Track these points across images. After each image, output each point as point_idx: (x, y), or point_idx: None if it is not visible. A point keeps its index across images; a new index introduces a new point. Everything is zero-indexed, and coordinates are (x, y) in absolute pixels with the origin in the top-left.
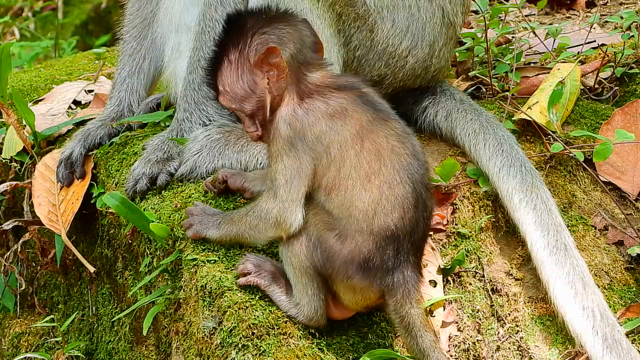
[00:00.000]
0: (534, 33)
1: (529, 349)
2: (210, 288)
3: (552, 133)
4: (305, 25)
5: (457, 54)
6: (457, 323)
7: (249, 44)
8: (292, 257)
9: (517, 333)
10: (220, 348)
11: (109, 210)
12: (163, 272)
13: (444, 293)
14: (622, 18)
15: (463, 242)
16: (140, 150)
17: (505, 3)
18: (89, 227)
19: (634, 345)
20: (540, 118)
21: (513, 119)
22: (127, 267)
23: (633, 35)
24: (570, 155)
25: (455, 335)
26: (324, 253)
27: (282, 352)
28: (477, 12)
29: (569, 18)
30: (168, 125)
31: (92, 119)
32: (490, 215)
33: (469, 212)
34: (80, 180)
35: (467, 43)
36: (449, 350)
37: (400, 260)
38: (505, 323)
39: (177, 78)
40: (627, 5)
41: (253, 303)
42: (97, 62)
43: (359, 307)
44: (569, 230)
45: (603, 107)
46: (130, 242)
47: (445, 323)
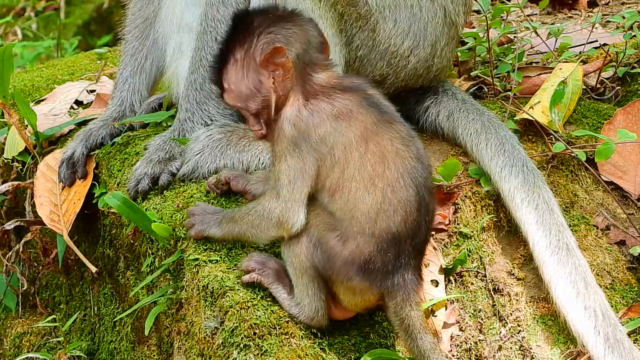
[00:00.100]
0: (536, 33)
1: (531, 349)
2: (212, 288)
3: (554, 133)
4: (312, 26)
5: (459, 54)
6: (459, 323)
7: (256, 43)
8: (293, 257)
9: (519, 333)
10: (222, 348)
11: (111, 210)
12: (165, 272)
13: (446, 293)
14: (624, 18)
15: (465, 241)
16: (142, 150)
17: (507, 3)
18: (91, 227)
19: (636, 345)
20: (542, 118)
21: (515, 119)
22: (128, 267)
23: (635, 35)
24: (572, 155)
25: (457, 335)
26: (325, 254)
27: (283, 352)
28: (479, 11)
29: (571, 18)
30: (170, 125)
31: (94, 119)
32: (492, 215)
33: (471, 211)
34: (82, 180)
35: (469, 43)
36: (451, 350)
37: (401, 263)
38: (507, 323)
39: (179, 78)
40: (629, 5)
41: (255, 303)
42: (99, 62)
43: (359, 308)
44: (571, 230)
45: (605, 106)
46: (132, 242)
47: (447, 323)
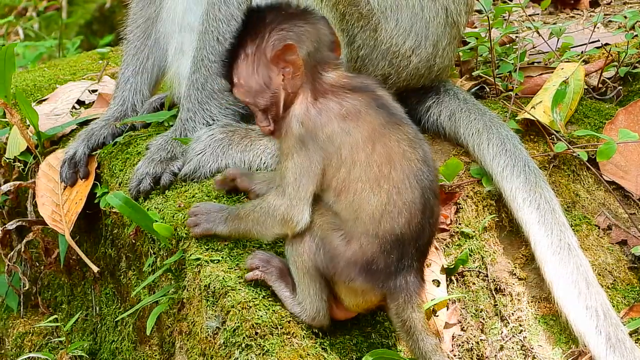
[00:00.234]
0: (538, 32)
1: (533, 349)
2: (214, 288)
3: (555, 132)
4: (324, 24)
5: (460, 54)
6: (460, 323)
7: (267, 39)
8: (296, 256)
9: (520, 332)
10: (224, 348)
11: (113, 210)
12: (166, 271)
13: (448, 293)
14: (625, 17)
15: (466, 241)
16: (144, 150)
17: (509, 2)
18: (93, 226)
19: (638, 345)
20: (544, 117)
21: (517, 119)
22: (130, 266)
23: (637, 35)
24: (574, 155)
25: (459, 335)
26: (328, 254)
27: (285, 351)
28: (480, 11)
29: (573, 17)
30: (171, 125)
31: (95, 119)
32: (494, 215)
33: (473, 211)
34: (84, 180)
35: (470, 42)
36: (452, 350)
37: (404, 265)
38: (509, 322)
39: (180, 78)
40: (630, 5)
41: (256, 303)
42: (101, 61)
43: (360, 309)
44: (573, 230)
45: (607, 106)
46: (134, 241)
47: (449, 323)
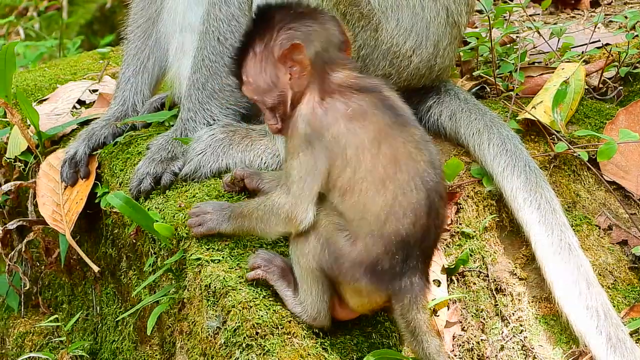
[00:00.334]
0: (538, 33)
1: (533, 349)
2: (215, 287)
3: (556, 133)
4: (334, 24)
5: (461, 54)
6: (461, 323)
7: (275, 38)
8: (300, 256)
9: (521, 332)
10: (224, 347)
11: (113, 210)
12: (167, 271)
13: (448, 293)
14: (626, 18)
15: (467, 241)
16: (145, 150)
17: (510, 3)
18: (93, 226)
19: (638, 345)
20: (545, 118)
21: (517, 119)
22: (131, 266)
23: (637, 35)
24: (575, 155)
25: (459, 335)
26: (333, 254)
27: (286, 351)
28: (481, 11)
29: (574, 18)
30: (172, 125)
31: (96, 119)
32: (495, 215)
33: (473, 211)
34: (85, 180)
35: (471, 43)
36: (453, 350)
37: (409, 266)
38: (509, 323)
39: (181, 78)
40: (631, 5)
41: (257, 302)
42: (101, 61)
43: (365, 310)
44: (573, 230)
45: (607, 106)
46: (135, 241)
47: (449, 323)
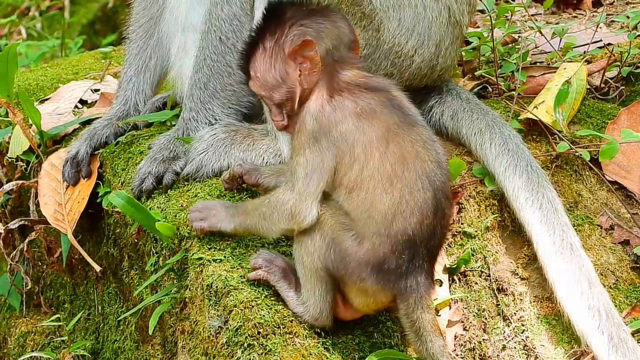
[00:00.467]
0: (540, 32)
1: (535, 348)
2: (216, 287)
3: (558, 132)
4: (345, 23)
5: (463, 54)
6: (462, 322)
7: (286, 34)
8: (304, 255)
9: (522, 332)
10: (226, 347)
11: (115, 210)
12: (169, 271)
13: (450, 292)
14: (628, 17)
15: (469, 241)
16: (146, 150)
17: (512, 2)
18: (95, 226)
19: None
20: (547, 117)
21: (519, 119)
22: (133, 266)
23: (639, 35)
24: (576, 155)
25: (461, 335)
26: (339, 254)
27: (287, 351)
28: (483, 11)
29: (575, 17)
30: (174, 125)
31: (98, 118)
32: (496, 215)
33: (475, 211)
34: (86, 180)
35: (473, 42)
36: (455, 349)
37: (415, 266)
38: (511, 322)
39: (183, 77)
40: (633, 5)
41: (259, 302)
42: (103, 61)
43: (369, 310)
44: (575, 230)
45: (609, 106)
46: (136, 241)
47: (451, 322)
